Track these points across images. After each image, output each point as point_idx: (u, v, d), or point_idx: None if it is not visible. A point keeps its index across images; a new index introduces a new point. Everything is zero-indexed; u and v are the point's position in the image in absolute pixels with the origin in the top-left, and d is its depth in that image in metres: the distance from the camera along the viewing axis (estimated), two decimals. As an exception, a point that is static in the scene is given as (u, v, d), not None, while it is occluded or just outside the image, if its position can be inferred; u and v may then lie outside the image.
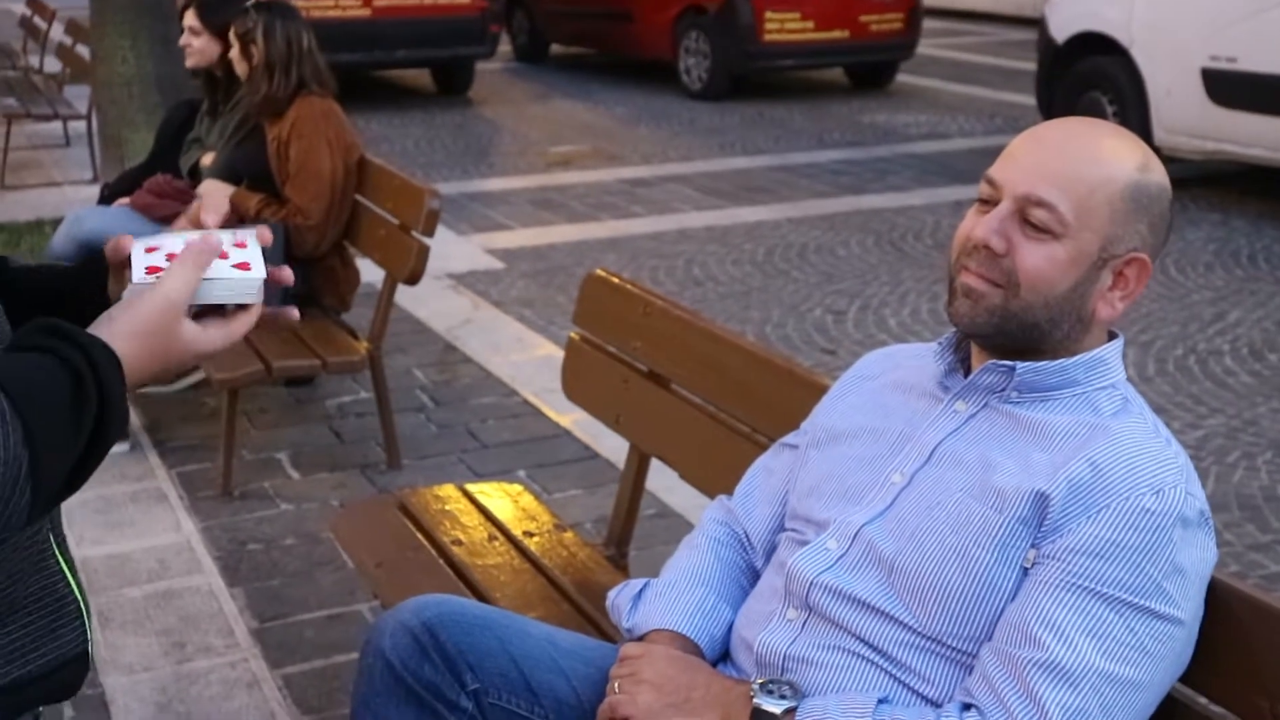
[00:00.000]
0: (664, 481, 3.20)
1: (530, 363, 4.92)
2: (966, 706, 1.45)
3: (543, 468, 4.01)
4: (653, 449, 2.55)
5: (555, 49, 14.23)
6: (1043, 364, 1.56)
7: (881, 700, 1.50)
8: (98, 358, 1.12)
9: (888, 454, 1.65)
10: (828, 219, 7.28)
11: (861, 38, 11.58)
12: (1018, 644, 1.43)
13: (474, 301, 5.72)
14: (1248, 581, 1.55)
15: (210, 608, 3.21)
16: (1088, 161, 1.53)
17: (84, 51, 8.87)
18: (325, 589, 3.31)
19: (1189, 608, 1.43)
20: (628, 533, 2.63)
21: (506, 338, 5.24)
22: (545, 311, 5.63)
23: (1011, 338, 1.56)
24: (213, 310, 1.27)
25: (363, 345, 3.95)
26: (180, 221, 4.15)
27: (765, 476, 1.87)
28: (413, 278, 3.78)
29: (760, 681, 1.56)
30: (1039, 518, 1.47)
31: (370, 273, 4.46)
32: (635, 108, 11.13)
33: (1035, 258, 1.53)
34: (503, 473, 3.95)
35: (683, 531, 2.24)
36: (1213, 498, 3.81)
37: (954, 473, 1.56)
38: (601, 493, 3.78)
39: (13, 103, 8.51)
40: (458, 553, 2.51)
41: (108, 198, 4.66)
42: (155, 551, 3.47)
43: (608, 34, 12.78)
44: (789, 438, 1.88)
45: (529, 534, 2.61)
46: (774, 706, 1.52)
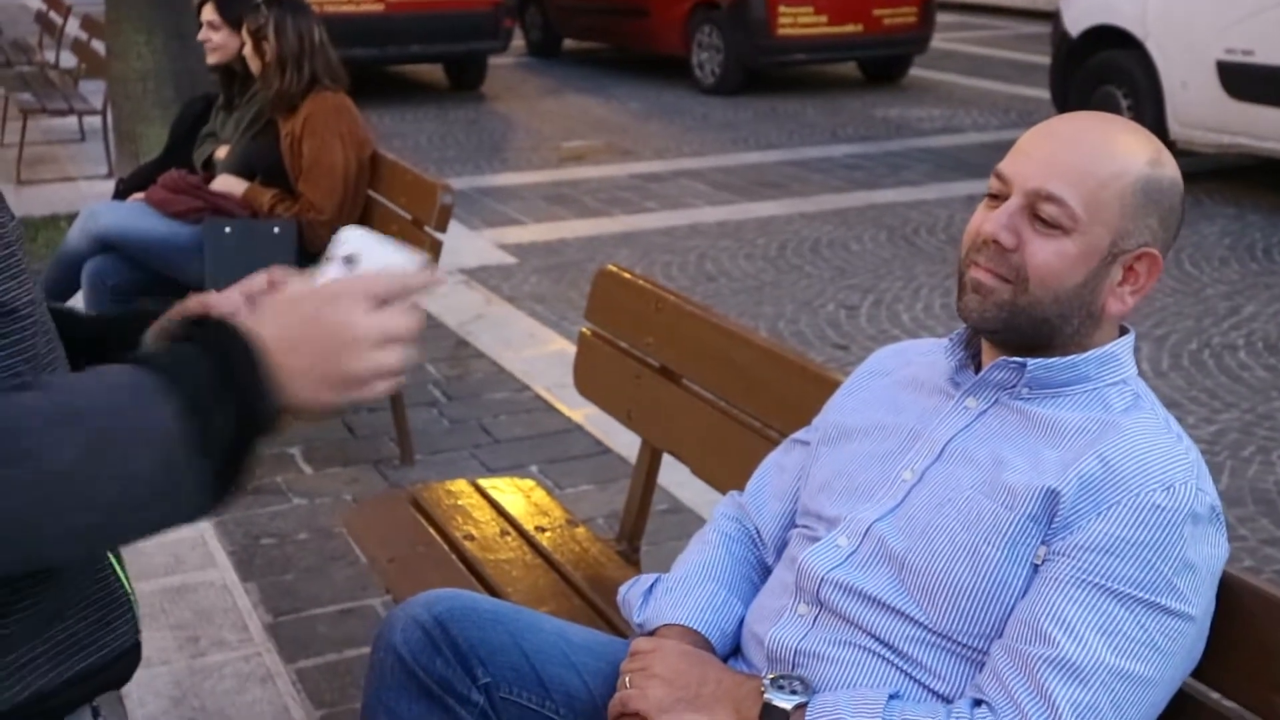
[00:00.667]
0: (676, 477, 3.20)
1: (542, 358, 4.92)
2: (978, 703, 1.45)
3: (555, 463, 4.02)
4: (664, 444, 2.55)
5: (568, 44, 14.24)
6: (1053, 360, 1.56)
7: (892, 696, 1.49)
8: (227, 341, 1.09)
9: (898, 451, 1.64)
10: (841, 214, 7.27)
11: (875, 32, 11.55)
12: (1028, 641, 1.43)
13: (486, 297, 5.72)
14: (1262, 576, 1.55)
15: (224, 602, 3.22)
16: (1098, 156, 1.52)
17: (99, 47, 8.90)
18: (338, 584, 3.32)
19: (1200, 603, 1.43)
20: (639, 528, 2.63)
21: (519, 333, 5.24)
22: (557, 307, 5.63)
23: (1021, 333, 1.56)
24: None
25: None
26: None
27: (777, 473, 1.87)
28: (425, 273, 3.78)
29: (771, 677, 1.56)
30: (1049, 515, 1.47)
31: (383, 268, 4.46)
32: (648, 103, 11.12)
33: (1045, 253, 1.52)
34: (515, 468, 3.96)
35: (694, 527, 2.24)
36: (1227, 493, 3.80)
37: (964, 470, 1.56)
38: (613, 488, 3.79)
39: (28, 98, 8.52)
40: (470, 548, 2.52)
41: (123, 193, 4.66)
42: (169, 546, 3.48)
43: (621, 29, 12.78)
44: (800, 434, 1.88)
45: (541, 529, 2.61)
46: (785, 702, 1.51)
